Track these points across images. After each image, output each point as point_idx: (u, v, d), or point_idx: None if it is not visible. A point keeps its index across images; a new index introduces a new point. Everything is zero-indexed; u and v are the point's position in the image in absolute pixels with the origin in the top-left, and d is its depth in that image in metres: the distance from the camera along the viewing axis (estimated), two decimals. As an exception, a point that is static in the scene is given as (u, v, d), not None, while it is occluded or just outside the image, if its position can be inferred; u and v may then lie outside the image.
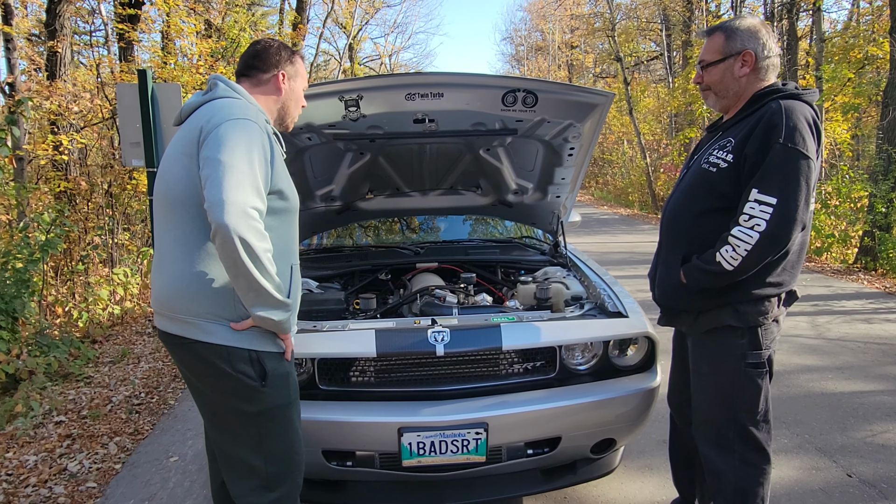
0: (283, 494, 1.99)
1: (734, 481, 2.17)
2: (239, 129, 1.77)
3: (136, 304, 6.86)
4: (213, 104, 1.88)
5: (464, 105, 2.87)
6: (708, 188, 2.12)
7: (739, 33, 2.11)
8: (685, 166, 2.38)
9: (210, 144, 1.75)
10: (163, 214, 1.91)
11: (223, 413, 1.96)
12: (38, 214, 5.99)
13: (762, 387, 2.15)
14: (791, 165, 1.92)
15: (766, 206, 1.92)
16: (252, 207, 1.70)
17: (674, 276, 2.20)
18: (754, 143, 1.98)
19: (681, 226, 2.23)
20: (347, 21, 25.86)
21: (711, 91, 2.21)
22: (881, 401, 4.08)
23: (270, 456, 1.96)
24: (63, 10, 8.70)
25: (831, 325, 5.94)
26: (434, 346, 2.41)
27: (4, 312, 4.66)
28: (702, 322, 2.19)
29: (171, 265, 1.86)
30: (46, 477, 3.22)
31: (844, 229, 10.18)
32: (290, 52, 2.11)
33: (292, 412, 1.99)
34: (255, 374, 1.87)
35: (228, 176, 1.69)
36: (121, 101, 5.71)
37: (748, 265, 1.98)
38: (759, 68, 2.11)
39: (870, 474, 3.15)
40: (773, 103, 2.00)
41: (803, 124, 1.95)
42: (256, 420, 1.92)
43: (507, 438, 2.45)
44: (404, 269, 3.57)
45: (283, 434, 1.97)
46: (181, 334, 1.86)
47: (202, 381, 1.94)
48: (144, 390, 4.46)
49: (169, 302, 1.88)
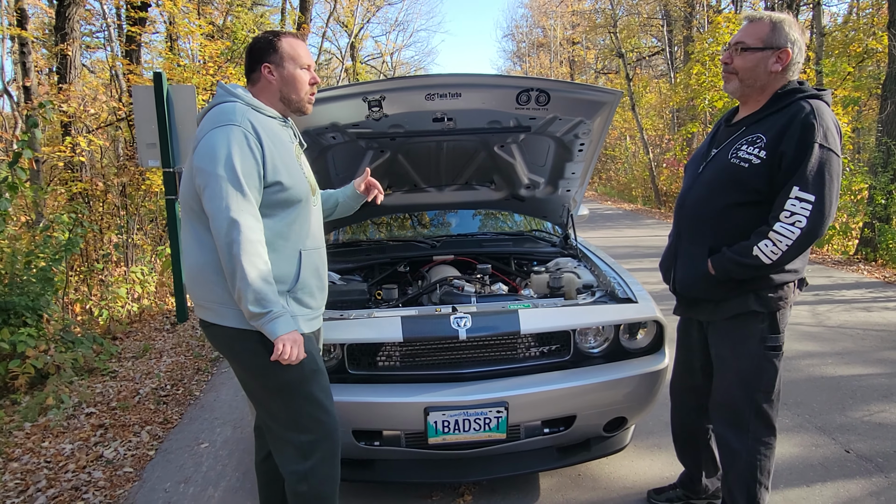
0: (319, 460, 2.14)
1: (746, 457, 2.31)
2: (221, 136, 1.90)
3: (153, 301, 7.02)
4: (211, 112, 2.01)
5: (480, 104, 3.03)
6: (738, 183, 2.17)
7: (785, 29, 2.13)
8: (700, 158, 2.41)
9: (198, 154, 1.92)
10: (182, 215, 2.10)
11: (251, 389, 2.16)
12: (57, 215, 6.16)
13: (778, 368, 2.27)
14: (827, 165, 2.02)
15: (807, 202, 2.01)
16: (240, 212, 1.87)
17: (699, 267, 2.27)
18: (790, 141, 2.04)
19: (705, 218, 2.28)
20: (349, 20, 26.02)
21: (737, 76, 2.21)
22: (879, 383, 4.24)
23: (299, 426, 2.11)
24: (72, 13, 8.86)
25: (831, 314, 6.09)
26: (457, 330, 2.57)
27: (31, 310, 4.82)
28: (724, 309, 2.28)
29: (188, 258, 2.06)
30: (84, 463, 3.39)
31: (845, 221, 10.33)
32: (270, 39, 2.12)
33: (310, 385, 2.10)
34: (265, 352, 1.98)
35: (215, 187, 1.87)
36: (137, 103, 5.88)
37: (786, 259, 2.09)
38: (788, 68, 2.15)
39: (866, 450, 3.31)
40: (803, 103, 2.08)
41: (832, 125, 2.05)
42: (279, 395, 2.08)
43: (526, 416, 2.61)
44: (422, 262, 3.73)
45: (305, 406, 2.10)
46: (204, 318, 2.08)
47: (228, 359, 2.15)
48: (170, 382, 4.63)
49: (191, 290, 2.09)
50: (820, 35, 13.18)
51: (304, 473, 2.13)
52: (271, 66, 2.10)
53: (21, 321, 4.75)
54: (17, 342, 4.42)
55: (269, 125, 2.04)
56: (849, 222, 10.37)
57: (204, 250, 1.99)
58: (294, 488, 2.16)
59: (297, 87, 2.15)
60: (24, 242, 5.81)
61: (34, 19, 12.91)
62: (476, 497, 2.94)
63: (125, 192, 7.82)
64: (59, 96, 7.30)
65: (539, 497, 2.94)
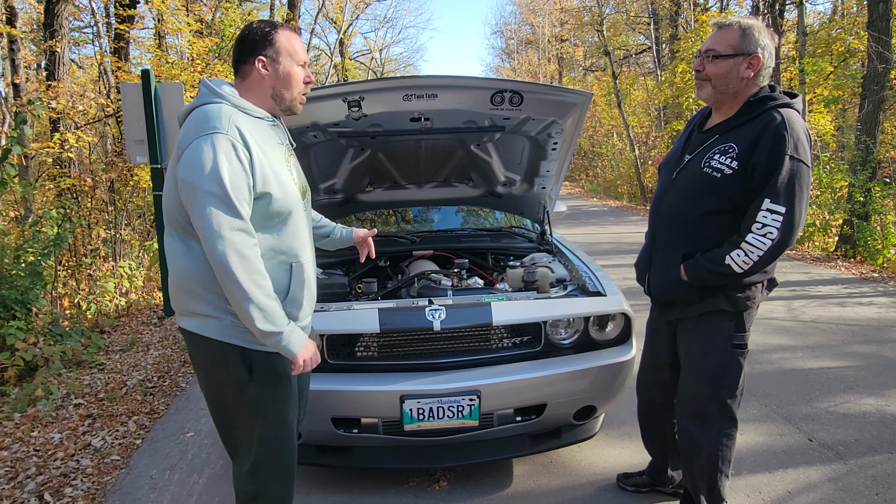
0: (272, 479, 2.09)
1: (709, 449, 2.41)
2: (206, 146, 1.77)
3: (141, 295, 7.10)
4: (194, 114, 1.88)
5: (456, 105, 3.14)
6: (712, 192, 2.22)
7: (755, 35, 2.16)
8: (673, 163, 2.45)
9: (183, 165, 1.80)
10: (165, 220, 1.99)
11: (219, 403, 2.07)
12: (46, 210, 6.22)
13: (743, 365, 2.37)
14: (797, 176, 2.08)
15: (777, 214, 2.08)
16: (232, 229, 1.77)
17: (673, 272, 2.34)
18: (762, 153, 2.09)
19: (681, 226, 2.34)
20: (338, 16, 26.04)
21: (710, 83, 2.24)
22: (846, 375, 4.40)
23: (260, 445, 2.05)
24: (61, 10, 8.90)
25: (806, 309, 6.25)
26: (431, 322, 2.69)
27: (20, 303, 4.90)
28: (694, 307, 2.37)
29: (173, 266, 1.97)
30: (73, 451, 3.48)
31: (826, 218, 10.51)
32: (267, 30, 1.97)
33: (279, 407, 2.05)
34: (244, 367, 1.95)
35: (204, 203, 1.75)
36: (125, 100, 5.94)
37: (757, 268, 2.16)
38: (759, 74, 2.19)
39: (829, 439, 3.46)
40: (774, 113, 2.13)
41: (803, 135, 2.11)
42: (247, 411, 2.02)
43: (498, 404, 2.73)
44: (402, 257, 3.85)
45: (270, 425, 2.04)
46: (185, 327, 2.00)
47: (200, 370, 2.05)
48: (156, 375, 4.72)
49: (175, 298, 2.00)
50: (803, 34, 13.36)
51: (253, 493, 2.09)
52: (265, 60, 1.95)
53: (10, 314, 4.83)
54: (6, 335, 4.50)
55: (258, 128, 1.92)
56: (829, 220, 10.55)
57: (189, 260, 1.91)
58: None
59: (292, 85, 2.01)
60: (13, 237, 5.88)
61: (23, 15, 12.88)
62: (451, 483, 3.06)
63: (113, 187, 7.89)
64: (47, 93, 7.36)
65: (512, 483, 3.07)
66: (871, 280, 7.67)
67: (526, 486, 3.03)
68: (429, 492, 2.99)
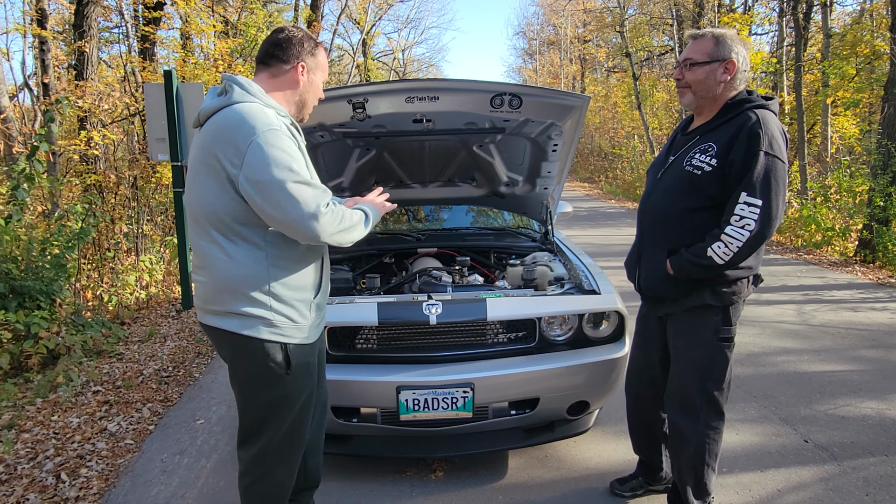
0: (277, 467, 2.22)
1: (696, 443, 2.49)
2: (270, 142, 1.86)
3: (160, 289, 7.30)
4: (231, 113, 1.92)
5: (457, 107, 3.24)
6: (693, 189, 2.33)
7: (728, 42, 2.30)
8: (659, 165, 2.57)
9: (252, 166, 1.85)
10: (195, 221, 2.03)
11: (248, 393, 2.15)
12: (72, 205, 6.45)
13: (729, 358, 2.45)
14: (772, 171, 2.18)
15: (754, 207, 2.18)
16: (320, 206, 1.90)
17: (661, 267, 2.44)
18: (739, 150, 2.21)
19: (666, 223, 2.45)
20: (361, 17, 26.26)
21: (690, 90, 2.37)
22: (849, 379, 4.41)
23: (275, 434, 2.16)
24: (90, 12, 9.16)
25: (817, 313, 6.24)
26: (428, 316, 2.79)
27: (44, 294, 5.10)
28: (682, 302, 2.46)
29: (214, 267, 2.00)
30: (90, 435, 3.65)
31: (845, 223, 10.41)
32: (314, 43, 2.11)
33: (306, 406, 2.21)
34: (282, 362, 2.06)
35: (285, 193, 1.85)
36: (148, 100, 6.14)
37: (737, 259, 2.25)
38: (736, 77, 2.31)
39: (825, 440, 3.49)
40: (750, 113, 2.25)
41: (777, 132, 2.22)
42: (272, 403, 2.12)
43: (491, 397, 2.82)
44: (407, 254, 3.96)
45: (288, 418, 2.16)
46: (221, 327, 2.04)
47: (234, 365, 2.13)
48: (172, 365, 4.89)
49: (211, 299, 2.05)
50: (826, 36, 13.23)
51: (260, 474, 2.21)
52: (306, 68, 2.09)
53: (35, 304, 5.03)
54: (31, 324, 4.69)
55: (289, 125, 2.03)
56: (849, 224, 10.45)
57: (237, 264, 1.97)
58: (244, 485, 2.26)
59: (315, 98, 2.19)
60: (40, 231, 6.09)
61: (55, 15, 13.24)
62: (447, 473, 3.16)
63: (136, 184, 8.11)
64: (75, 92, 7.60)
65: (507, 474, 3.15)
66: (887, 285, 7.60)
67: (520, 479, 3.12)
68: (425, 481, 3.10)
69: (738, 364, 4.71)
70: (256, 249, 1.99)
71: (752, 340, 5.28)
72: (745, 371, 4.57)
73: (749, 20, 17.10)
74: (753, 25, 18.85)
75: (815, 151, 14.56)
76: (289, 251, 2.05)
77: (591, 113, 29.76)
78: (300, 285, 2.09)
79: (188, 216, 2.10)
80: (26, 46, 16.41)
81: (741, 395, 4.11)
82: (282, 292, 2.03)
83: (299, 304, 2.09)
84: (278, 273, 2.02)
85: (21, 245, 5.37)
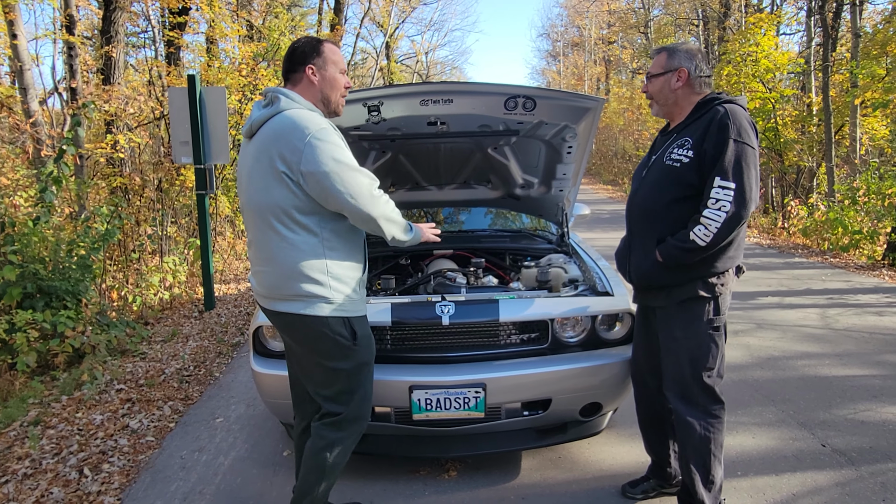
0: (347, 435, 2.46)
1: (699, 431, 2.55)
2: (322, 137, 2.14)
3: (184, 290, 7.43)
4: (284, 119, 2.19)
5: (470, 109, 3.27)
6: (675, 180, 2.50)
7: (678, 53, 2.55)
8: (643, 166, 2.76)
9: (312, 160, 2.12)
10: (258, 219, 2.29)
11: (321, 368, 2.40)
12: (98, 207, 6.59)
13: (721, 346, 2.56)
14: (743, 156, 2.35)
15: (728, 189, 2.33)
16: (374, 188, 2.21)
17: (650, 257, 2.57)
18: (710, 140, 2.39)
19: (653, 215, 2.60)
20: (384, 20, 26.41)
21: (654, 100, 2.64)
22: (871, 384, 4.34)
23: (346, 404, 2.41)
24: (118, 18, 9.37)
25: (841, 317, 6.14)
26: (441, 317, 2.82)
27: (71, 294, 5.23)
28: (675, 294, 2.56)
29: (277, 256, 2.26)
30: (112, 432, 3.74)
31: (873, 226, 10.22)
32: (315, 44, 2.34)
33: (365, 372, 2.45)
34: (348, 335, 2.33)
35: (344, 179, 2.14)
36: (172, 104, 6.26)
37: (718, 240, 2.37)
38: (692, 83, 2.54)
39: (843, 445, 3.45)
40: (718, 108, 2.43)
41: (745, 122, 2.39)
42: (342, 374, 2.37)
43: (504, 398, 2.84)
44: (422, 255, 3.99)
45: (358, 388, 2.42)
46: (290, 311, 2.30)
47: (304, 346, 2.39)
48: (193, 364, 4.98)
49: (277, 288, 2.30)
50: (856, 36, 13.02)
51: (332, 440, 2.43)
52: (314, 68, 2.32)
53: (62, 304, 5.17)
54: (57, 323, 4.82)
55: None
56: (877, 227, 10.25)
57: (298, 250, 2.24)
58: (318, 451, 2.44)
59: (335, 90, 2.38)
60: (67, 232, 6.24)
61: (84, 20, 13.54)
62: (461, 473, 3.18)
63: (161, 187, 8.27)
64: (102, 96, 7.77)
65: (519, 475, 3.17)
66: (914, 289, 7.46)
67: (533, 479, 3.13)
68: (438, 480, 3.12)
69: (757, 367, 4.67)
70: (312, 236, 2.25)
71: (773, 344, 5.23)
72: (764, 375, 4.53)
73: (776, 20, 16.89)
74: (781, 25, 18.63)
75: (844, 153, 14.30)
76: (339, 235, 2.30)
77: (615, 115, 29.61)
78: (351, 264, 2.35)
79: (248, 214, 2.36)
80: (56, 51, 16.81)
81: (759, 399, 4.07)
82: (338, 272, 2.30)
83: (353, 281, 2.35)
84: (333, 255, 2.29)
85: (48, 246, 5.51)
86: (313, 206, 2.22)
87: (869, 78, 11.90)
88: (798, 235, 11.97)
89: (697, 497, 2.59)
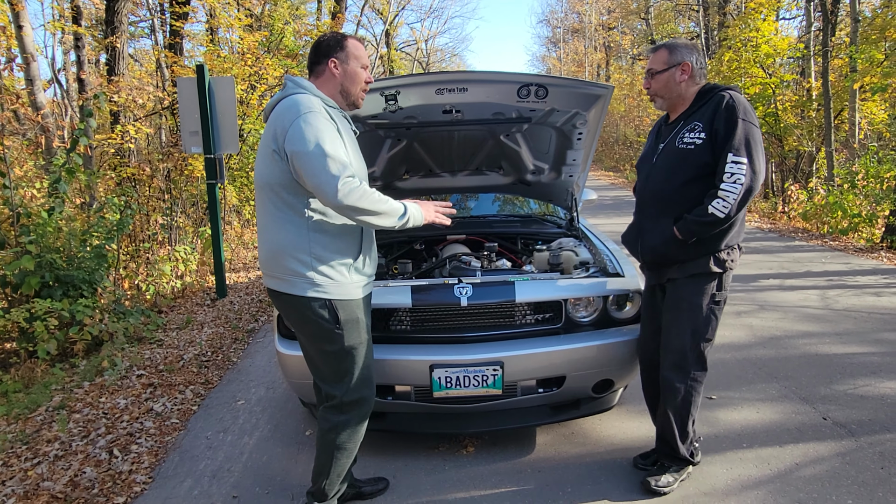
0: (351, 417, 2.53)
1: (683, 394, 2.78)
2: (309, 121, 2.20)
3: (195, 278, 7.54)
4: (286, 102, 2.30)
5: (484, 98, 3.36)
6: (688, 163, 2.67)
7: (680, 49, 2.71)
8: (650, 154, 2.88)
9: (291, 140, 2.20)
10: (260, 195, 2.39)
11: (313, 350, 2.48)
12: (109, 198, 6.68)
13: (719, 317, 2.78)
14: (751, 134, 2.55)
15: (741, 164, 2.52)
16: (345, 177, 2.16)
17: (666, 233, 2.72)
18: (720, 121, 2.58)
19: (667, 196, 2.75)
20: (384, 7, 26.35)
21: (658, 95, 2.78)
22: (870, 361, 4.47)
23: (344, 385, 2.47)
24: (121, 8, 9.40)
25: (840, 298, 6.27)
26: (459, 298, 2.94)
27: (87, 283, 5.34)
28: (688, 268, 2.74)
29: (265, 234, 2.38)
30: (137, 415, 3.86)
31: (872, 209, 10.32)
32: (339, 38, 2.46)
33: (360, 352, 2.48)
34: (330, 318, 2.37)
35: (315, 162, 2.15)
36: (181, 94, 6.33)
37: (734, 211, 2.55)
38: (693, 75, 2.71)
39: (843, 418, 3.58)
40: (722, 93, 2.63)
41: (748, 106, 2.60)
42: (335, 356, 2.44)
43: (520, 375, 2.96)
44: (436, 241, 4.10)
45: (353, 369, 2.47)
46: (276, 289, 2.41)
47: (293, 324, 2.47)
48: (210, 350, 5.10)
49: (267, 263, 2.41)
50: (855, 20, 13.06)
51: (335, 423, 2.52)
52: (337, 61, 2.42)
53: (79, 293, 5.27)
54: (75, 311, 4.93)
55: (334, 113, 2.36)
56: (876, 210, 10.36)
57: (281, 229, 2.32)
58: (324, 433, 2.54)
59: (355, 84, 2.47)
60: (79, 223, 6.33)
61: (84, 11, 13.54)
62: (478, 449, 3.31)
63: (170, 176, 8.35)
64: (109, 87, 7.83)
65: (535, 450, 3.30)
66: (913, 271, 7.58)
67: (547, 454, 3.26)
68: (457, 456, 3.25)
69: (759, 346, 4.80)
70: (298, 216, 2.31)
71: (775, 324, 5.36)
72: (766, 353, 4.66)
73: (776, 4, 16.90)
74: (781, 10, 18.64)
75: (843, 137, 14.38)
76: (327, 220, 2.34)
77: (615, 101, 29.59)
78: (338, 250, 2.37)
79: (256, 191, 2.44)
80: (55, 42, 16.80)
81: (762, 376, 4.20)
82: (322, 254, 2.33)
83: (339, 265, 2.37)
84: (318, 237, 2.33)
85: (62, 236, 5.61)
86: (299, 187, 2.29)
87: (868, 62, 11.98)
88: (798, 219, 12.09)
89: (674, 446, 2.86)
